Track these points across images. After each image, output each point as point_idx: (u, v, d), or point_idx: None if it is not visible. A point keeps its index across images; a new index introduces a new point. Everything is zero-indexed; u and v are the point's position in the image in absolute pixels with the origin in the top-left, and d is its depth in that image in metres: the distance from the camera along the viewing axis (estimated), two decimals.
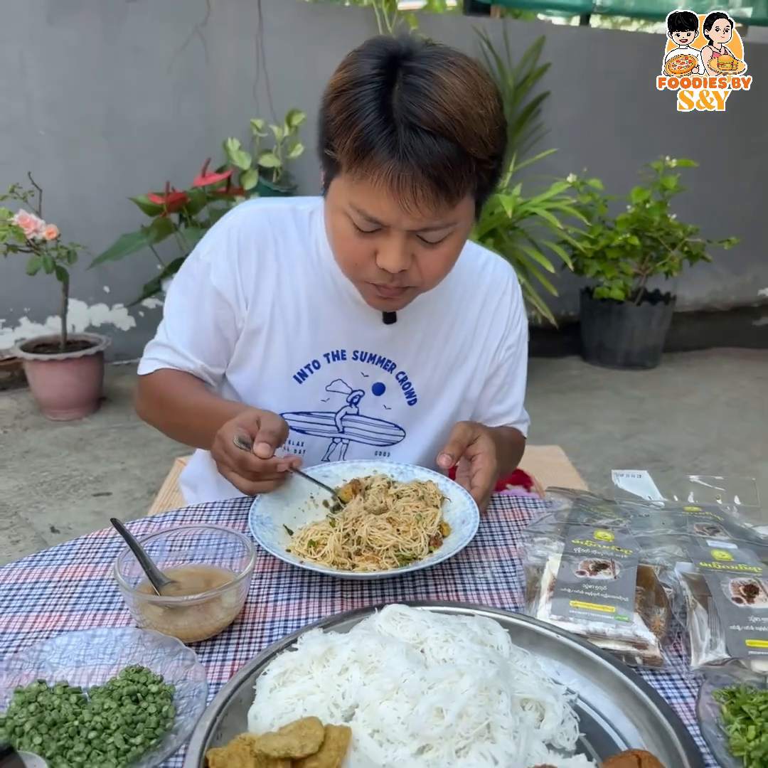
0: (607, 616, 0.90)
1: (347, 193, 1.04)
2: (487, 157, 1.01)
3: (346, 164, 1.02)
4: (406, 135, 0.96)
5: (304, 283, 1.28)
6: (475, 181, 1.04)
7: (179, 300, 1.32)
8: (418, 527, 1.07)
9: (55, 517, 2.79)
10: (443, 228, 1.06)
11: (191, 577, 1.00)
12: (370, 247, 1.07)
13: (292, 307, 1.28)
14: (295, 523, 1.14)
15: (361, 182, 1.01)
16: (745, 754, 0.73)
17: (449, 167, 0.98)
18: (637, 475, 1.28)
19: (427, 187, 0.98)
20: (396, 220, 1.02)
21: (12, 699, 0.79)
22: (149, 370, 1.33)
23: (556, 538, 1.04)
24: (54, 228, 3.29)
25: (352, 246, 1.09)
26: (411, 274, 1.10)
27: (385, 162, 0.97)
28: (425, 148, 0.96)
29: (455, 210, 1.04)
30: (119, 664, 0.86)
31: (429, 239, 1.07)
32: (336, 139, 1.01)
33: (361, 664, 0.76)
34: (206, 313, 1.29)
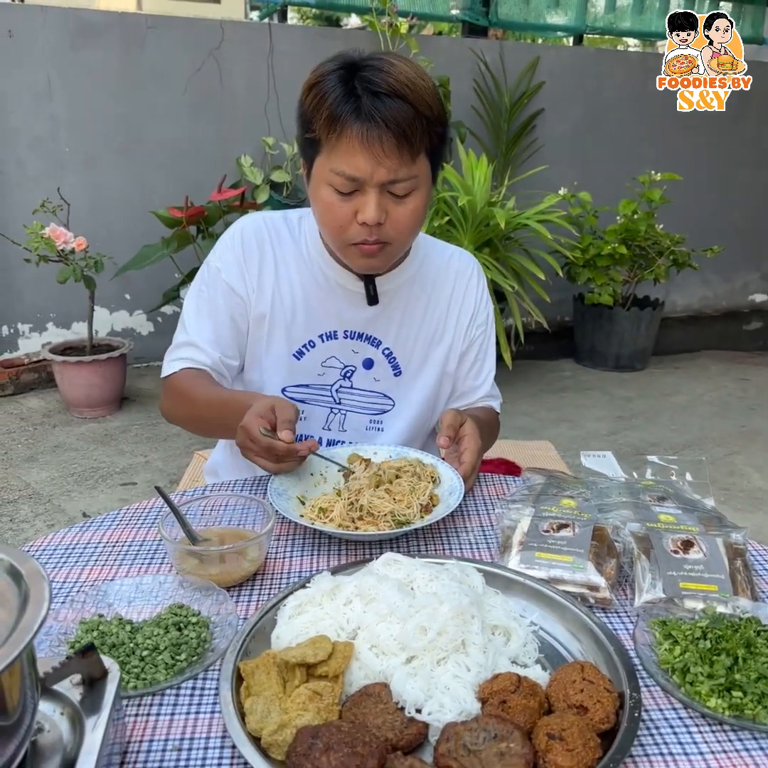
0: (566, 565, 1.05)
1: (327, 163, 1.24)
2: (434, 119, 1.23)
3: (324, 135, 1.22)
4: (369, 99, 1.18)
5: (297, 276, 1.46)
6: (427, 140, 1.24)
7: (195, 304, 1.48)
8: (412, 497, 1.23)
9: (86, 504, 2.95)
10: (408, 180, 1.24)
11: (221, 536, 1.15)
12: (351, 209, 1.26)
13: (288, 296, 1.46)
14: (307, 495, 1.30)
15: (337, 145, 1.21)
16: (670, 666, 0.88)
17: (407, 120, 1.19)
18: (602, 455, 1.44)
19: (392, 138, 1.19)
20: (369, 173, 1.21)
21: (78, 628, 0.95)
22: (172, 370, 1.46)
23: (529, 505, 1.20)
24: (83, 240, 3.46)
25: (336, 211, 1.27)
26: (386, 228, 1.28)
27: (355, 123, 1.19)
28: (385, 107, 1.18)
29: (416, 164, 1.24)
30: (163, 603, 1.02)
31: (398, 192, 1.25)
32: (312, 119, 1.23)
33: (362, 597, 0.92)
34: (221, 309, 1.45)
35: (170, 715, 0.84)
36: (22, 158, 4.19)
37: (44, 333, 4.53)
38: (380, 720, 0.78)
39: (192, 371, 1.44)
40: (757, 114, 6.18)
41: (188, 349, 1.46)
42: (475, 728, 0.75)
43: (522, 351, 4.62)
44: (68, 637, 0.94)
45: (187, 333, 1.47)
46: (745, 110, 6.01)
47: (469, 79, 5.20)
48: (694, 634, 0.92)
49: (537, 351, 5.19)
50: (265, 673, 0.84)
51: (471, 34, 5.51)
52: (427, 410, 1.58)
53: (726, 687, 0.84)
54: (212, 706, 0.85)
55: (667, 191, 4.87)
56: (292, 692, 0.81)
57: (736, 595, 1.00)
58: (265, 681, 0.83)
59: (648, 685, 0.89)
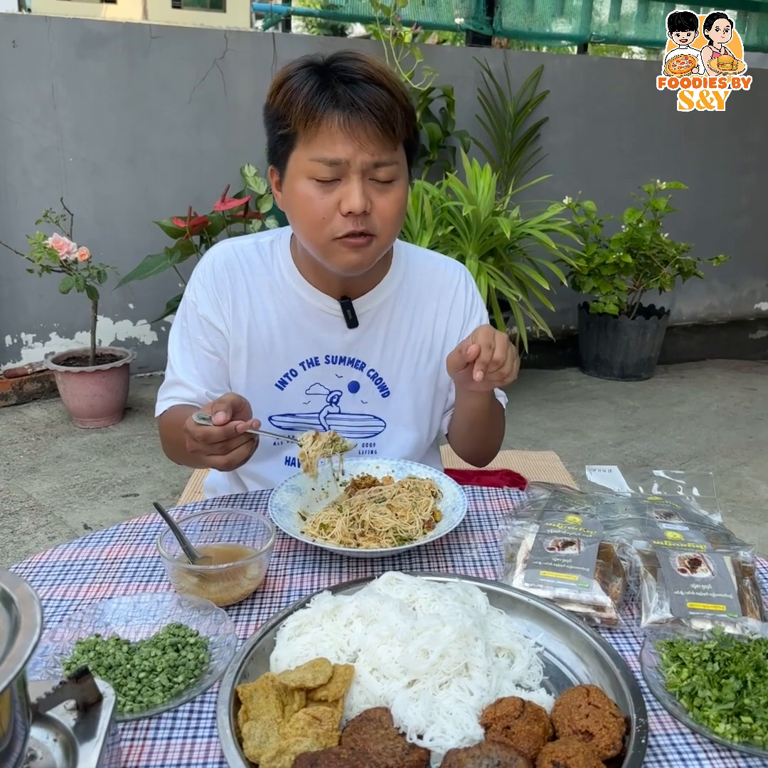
0: (571, 584, 1.03)
1: (305, 153, 1.20)
2: (410, 111, 1.23)
3: (301, 126, 1.19)
4: (347, 87, 1.17)
5: (272, 304, 1.43)
6: (405, 131, 1.23)
7: (179, 341, 1.46)
8: (414, 513, 1.21)
9: (87, 515, 2.94)
10: (390, 165, 1.22)
11: (220, 554, 1.14)
12: (333, 200, 1.22)
13: (265, 326, 1.43)
14: (309, 510, 1.28)
15: (317, 134, 1.18)
16: (677, 689, 0.87)
17: (388, 105, 1.18)
18: (608, 469, 1.42)
19: (375, 122, 1.17)
20: (352, 156, 1.18)
21: (74, 648, 0.94)
22: (161, 410, 1.46)
23: (533, 521, 1.18)
24: (86, 250, 3.47)
25: (316, 203, 1.22)
26: (371, 219, 1.24)
27: (335, 110, 1.17)
28: (365, 92, 1.17)
29: (396, 152, 1.23)
30: (161, 623, 1.00)
31: (381, 177, 1.22)
32: (286, 114, 1.19)
33: (363, 618, 0.91)
34: (203, 345, 1.43)
35: (167, 739, 0.82)
36: (27, 168, 4.20)
37: (48, 343, 4.53)
38: (381, 746, 0.76)
39: (179, 407, 1.44)
40: (762, 121, 6.16)
41: (176, 389, 1.46)
42: (478, 755, 0.73)
43: (526, 360, 4.60)
44: (64, 658, 0.93)
45: (173, 371, 1.46)
46: (750, 117, 6.00)
47: (473, 88, 5.19)
48: (702, 656, 0.90)
49: (541, 360, 5.17)
50: (263, 697, 0.83)
51: (475, 43, 5.51)
52: (421, 429, 1.55)
53: (735, 712, 0.82)
54: (210, 731, 0.83)
55: (672, 200, 4.86)
56: (291, 717, 0.80)
57: (745, 615, 0.98)
58: (264, 705, 0.81)
59: (655, 709, 0.87)
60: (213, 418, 1.14)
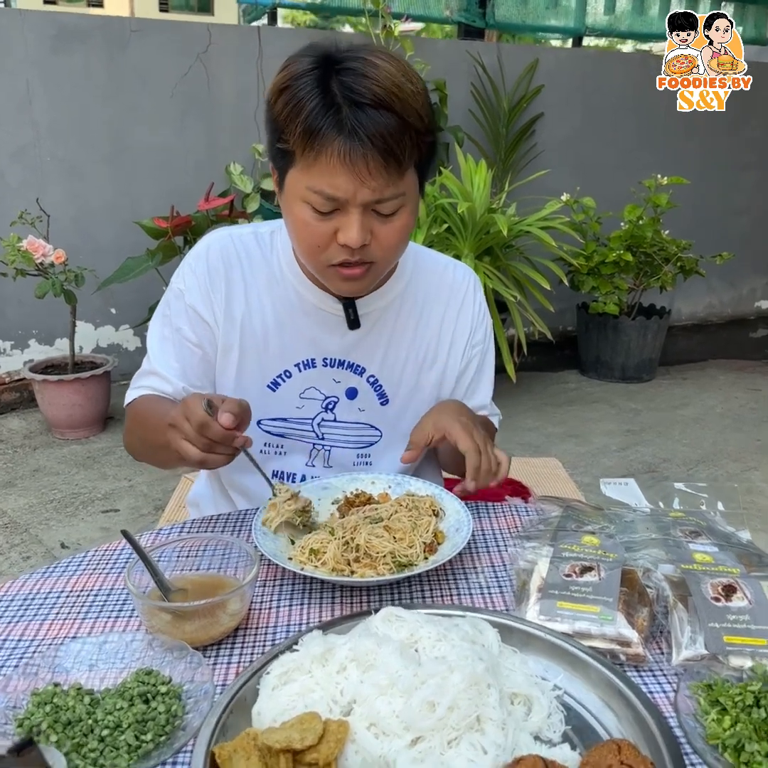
0: (592, 616, 0.94)
1: (303, 179, 1.10)
2: (424, 129, 1.10)
3: (299, 150, 1.08)
4: (351, 112, 1.04)
5: (269, 299, 1.34)
6: (416, 153, 1.11)
7: (159, 330, 1.36)
8: (414, 535, 1.11)
9: (64, 533, 2.83)
10: (395, 198, 1.11)
11: (198, 585, 1.04)
12: (330, 228, 1.13)
13: (259, 322, 1.34)
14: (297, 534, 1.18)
15: (315, 164, 1.08)
16: (720, 742, 0.77)
17: (394, 135, 1.05)
18: (624, 483, 1.32)
19: (378, 156, 1.05)
20: (352, 193, 1.08)
21: (29, 701, 0.83)
22: (130, 399, 1.37)
23: (546, 543, 1.08)
24: (62, 252, 3.35)
25: (312, 229, 1.13)
26: (371, 248, 1.15)
27: (335, 139, 1.05)
28: (370, 121, 1.04)
29: (404, 180, 1.11)
30: (130, 667, 0.90)
31: (383, 211, 1.12)
32: (286, 130, 1.08)
33: (358, 663, 0.80)
34: (186, 336, 1.33)
35: None
36: (1, 168, 4.08)
37: (26, 350, 4.41)
38: None
39: (151, 396, 1.34)
40: (761, 116, 6.11)
41: (150, 378, 1.36)
42: None
43: (524, 362, 4.51)
44: (17, 713, 0.82)
45: (150, 361, 1.37)
46: (749, 112, 5.94)
47: (466, 82, 5.11)
48: (745, 700, 0.80)
49: (539, 362, 5.09)
50: (244, 759, 0.73)
51: (467, 36, 5.43)
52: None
53: None
54: None
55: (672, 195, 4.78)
56: None
57: None
58: None
59: (694, 764, 0.77)
60: (221, 416, 1.04)
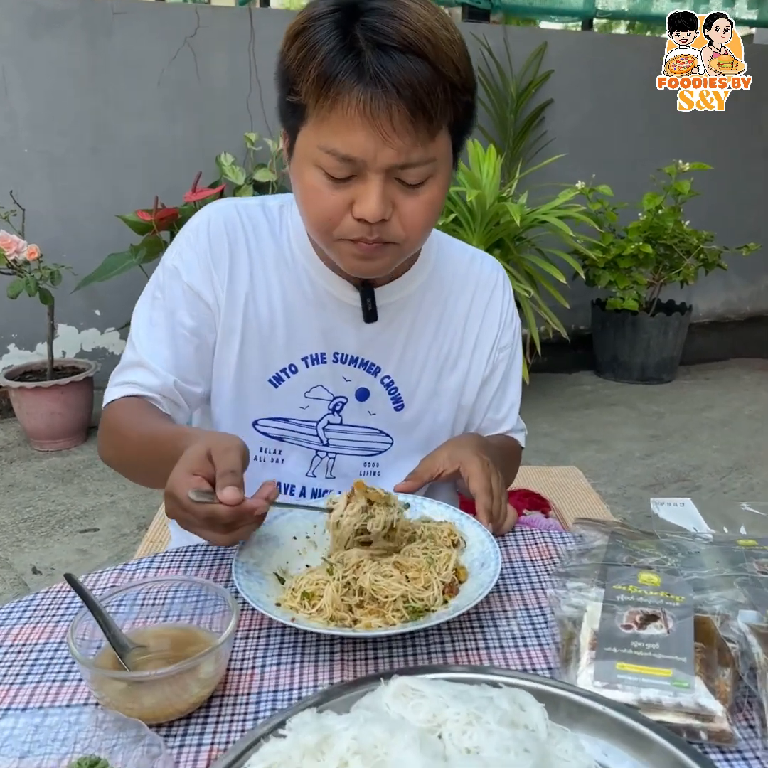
0: (663, 682, 0.75)
1: (316, 136, 0.96)
2: (460, 85, 0.95)
3: (312, 100, 0.95)
4: (374, 55, 0.90)
5: (277, 281, 1.19)
6: (450, 112, 0.97)
7: (148, 314, 1.20)
8: (431, 572, 0.93)
9: (37, 556, 2.65)
10: (423, 164, 0.97)
11: (163, 640, 0.86)
12: (345, 198, 0.98)
13: (265, 305, 1.19)
14: (289, 569, 1.00)
15: (330, 116, 0.94)
16: None
17: (425, 85, 0.91)
18: (680, 503, 1.14)
19: (404, 109, 0.91)
20: (372, 153, 0.94)
21: None
22: (110, 398, 1.18)
23: (594, 582, 0.90)
24: (35, 248, 3.18)
25: (324, 199, 0.99)
26: (392, 226, 1.00)
27: (355, 87, 0.90)
28: (397, 66, 0.90)
29: (435, 144, 0.97)
30: (73, 752, 0.72)
31: (409, 180, 0.98)
32: (298, 79, 0.96)
33: (364, 757, 0.62)
34: (181, 321, 1.17)
35: None
36: None
37: (5, 356, 4.25)
38: None
39: (134, 400, 1.16)
40: None
41: (136, 371, 1.18)
42: None
43: (538, 363, 4.33)
44: None
45: (135, 350, 1.19)
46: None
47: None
48: None
49: (552, 363, 4.90)
50: None
51: (472, 18, 5.27)
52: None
53: None
54: None
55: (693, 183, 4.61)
56: None
57: None
58: None
59: None
60: (221, 494, 0.84)
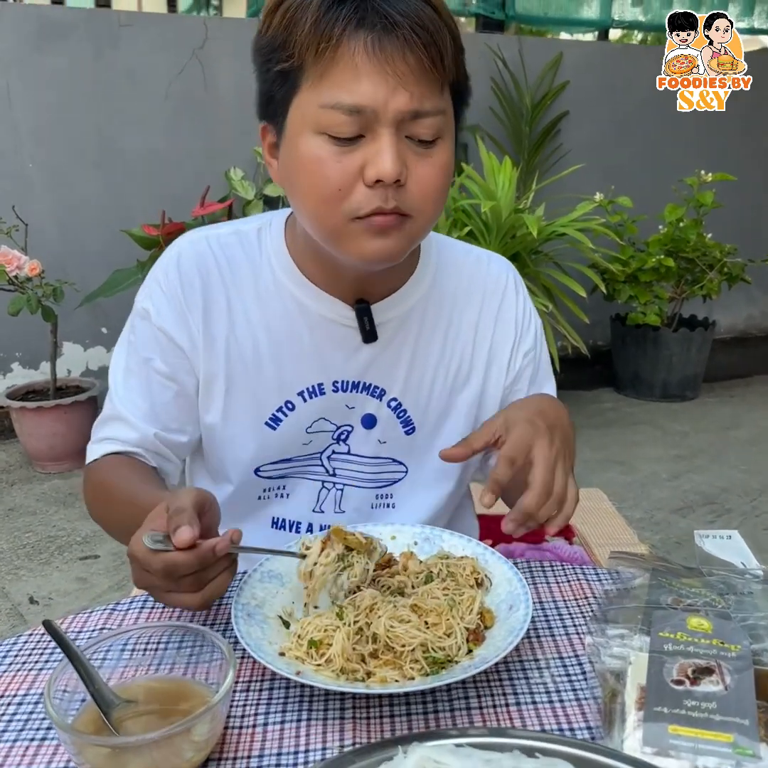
0: (723, 749, 0.66)
1: (317, 95, 0.89)
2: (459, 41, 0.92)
3: (310, 55, 0.87)
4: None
5: (260, 315, 1.11)
6: (454, 68, 0.92)
7: (124, 361, 1.14)
8: (453, 617, 0.84)
9: (35, 585, 2.58)
10: (436, 115, 0.91)
11: (153, 694, 0.78)
12: (355, 164, 0.91)
13: (249, 343, 1.11)
14: (294, 610, 0.92)
15: (332, 67, 0.87)
16: None
17: (436, 29, 0.87)
18: (726, 536, 1.05)
19: (419, 50, 0.86)
20: (383, 101, 0.87)
21: None
22: (92, 458, 1.13)
23: (637, 629, 0.81)
24: (37, 264, 3.13)
25: (330, 167, 0.91)
26: (407, 192, 0.93)
27: (360, 29, 0.85)
28: (406, 5, 0.86)
29: (443, 96, 0.93)
30: None
31: (422, 134, 0.91)
32: (288, 40, 0.88)
33: None
34: (156, 367, 1.11)
35: None
36: None
37: (9, 375, 4.20)
38: None
39: (114, 460, 1.11)
40: None
41: (113, 426, 1.12)
42: None
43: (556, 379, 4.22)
44: None
45: (113, 402, 1.13)
46: None
47: (486, 77, 4.90)
48: None
49: (571, 380, 4.79)
50: None
51: (486, 28, 5.24)
52: (453, 476, 1.23)
53: None
54: None
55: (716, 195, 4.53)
56: None
57: None
58: None
59: None
60: (174, 537, 0.76)
